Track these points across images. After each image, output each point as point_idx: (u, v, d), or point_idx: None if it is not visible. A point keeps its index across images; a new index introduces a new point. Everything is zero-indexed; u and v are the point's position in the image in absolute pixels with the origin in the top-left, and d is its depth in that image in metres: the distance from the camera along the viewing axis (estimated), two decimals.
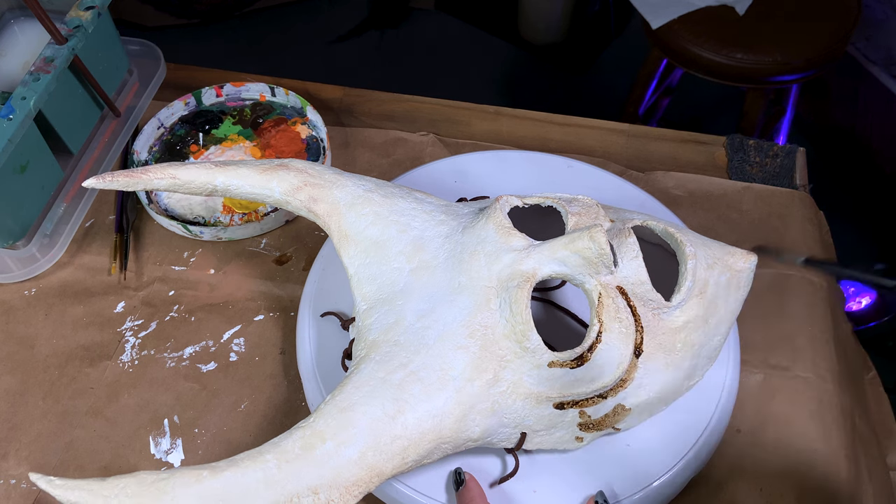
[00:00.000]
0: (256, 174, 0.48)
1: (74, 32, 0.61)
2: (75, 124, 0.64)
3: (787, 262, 0.58)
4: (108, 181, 0.47)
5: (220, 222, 0.63)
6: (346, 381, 0.41)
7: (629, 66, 1.49)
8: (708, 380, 0.50)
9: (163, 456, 0.52)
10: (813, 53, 1.14)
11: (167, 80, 0.74)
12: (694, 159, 0.69)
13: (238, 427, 0.53)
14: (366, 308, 0.45)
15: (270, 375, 0.56)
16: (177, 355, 0.57)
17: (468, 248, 0.44)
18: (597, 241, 0.41)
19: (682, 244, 0.45)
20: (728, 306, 0.48)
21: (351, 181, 0.49)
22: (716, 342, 0.48)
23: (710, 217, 0.64)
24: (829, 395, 0.54)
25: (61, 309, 0.60)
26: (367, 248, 0.46)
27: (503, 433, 0.44)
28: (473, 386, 0.41)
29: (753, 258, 0.49)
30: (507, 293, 0.42)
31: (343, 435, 0.39)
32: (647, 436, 0.48)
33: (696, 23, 1.18)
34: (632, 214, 0.49)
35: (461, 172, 0.62)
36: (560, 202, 0.47)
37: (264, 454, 0.38)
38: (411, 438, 0.40)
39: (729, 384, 0.51)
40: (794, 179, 0.67)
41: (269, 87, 0.72)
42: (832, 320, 0.58)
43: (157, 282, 0.61)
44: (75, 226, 0.63)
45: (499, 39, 1.87)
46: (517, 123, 0.72)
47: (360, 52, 1.85)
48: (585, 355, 0.42)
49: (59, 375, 0.56)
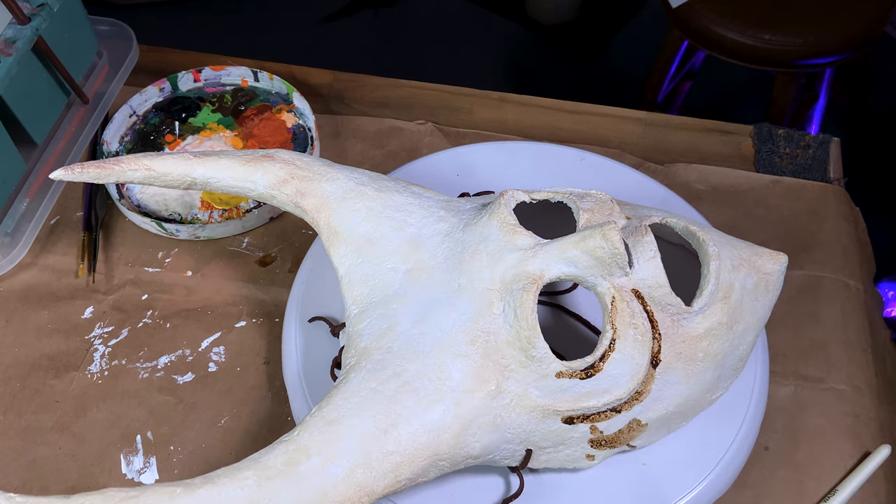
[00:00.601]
0: (239, 166, 0.48)
1: (38, 11, 0.61)
2: (39, 112, 0.64)
3: None
4: (78, 173, 0.47)
5: (198, 219, 0.63)
6: (334, 392, 0.41)
7: (647, 49, 1.49)
8: (732, 392, 0.50)
9: (135, 476, 0.52)
10: (848, 34, 1.14)
11: (140, 64, 0.74)
12: (718, 150, 0.69)
13: (218, 444, 0.53)
14: (357, 312, 0.45)
15: (253, 387, 0.56)
16: (150, 365, 0.57)
17: (469, 248, 0.44)
18: (610, 240, 0.41)
19: (705, 243, 0.46)
20: (755, 312, 0.48)
21: (342, 174, 0.49)
22: (741, 351, 0.48)
23: (736, 214, 0.64)
24: (867, 409, 0.54)
25: (23, 314, 0.60)
26: (359, 247, 0.46)
27: (506, 450, 0.44)
28: (474, 398, 0.41)
29: (784, 259, 0.49)
30: (512, 296, 0.42)
31: (330, 450, 0.39)
32: (664, 454, 0.48)
33: (721, 1, 1.18)
34: (650, 211, 0.49)
35: (464, 165, 0.63)
36: (571, 197, 0.47)
37: (243, 471, 0.38)
38: (405, 455, 0.40)
39: (756, 397, 0.51)
40: (827, 172, 0.67)
41: (252, 71, 0.72)
42: (869, 327, 0.58)
43: (128, 285, 0.61)
44: (39, 223, 0.64)
45: (504, 19, 1.87)
46: (524, 111, 0.72)
47: (352, 32, 1.85)
48: (597, 365, 0.42)
49: (21, 388, 0.56)
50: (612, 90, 1.73)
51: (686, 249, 0.50)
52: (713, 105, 1.66)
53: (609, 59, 1.81)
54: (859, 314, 0.58)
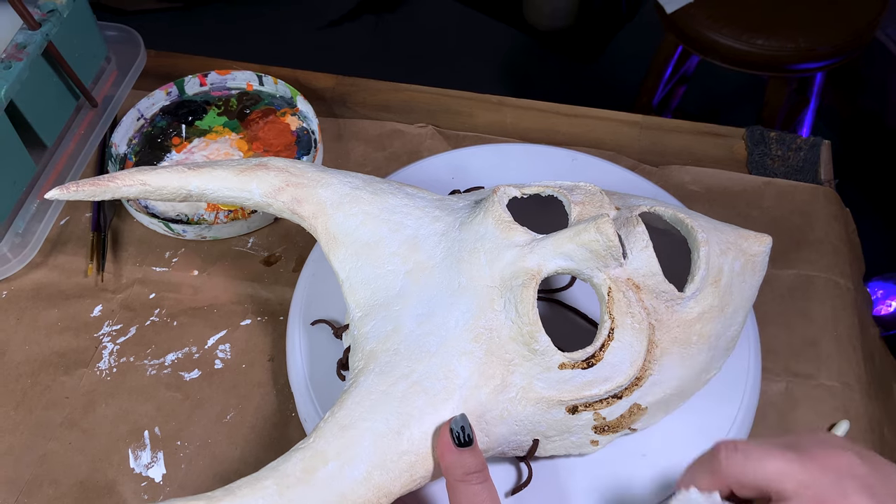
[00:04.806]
0: (233, 176, 0.47)
1: (48, 17, 0.61)
2: (49, 115, 0.64)
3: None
4: (73, 191, 0.46)
5: (205, 220, 0.63)
6: (345, 397, 0.41)
7: (642, 54, 1.49)
8: (727, 387, 0.50)
9: (143, 470, 0.52)
10: (839, 39, 1.15)
11: (147, 68, 0.74)
12: (711, 152, 0.69)
13: (224, 439, 0.53)
14: (361, 315, 0.45)
15: (258, 384, 0.56)
16: (158, 362, 0.57)
17: (467, 246, 0.44)
18: (604, 233, 0.42)
19: (694, 230, 0.46)
20: (743, 293, 0.48)
21: (336, 178, 0.48)
22: (732, 332, 0.48)
23: (729, 214, 0.64)
24: (856, 405, 0.54)
25: (34, 313, 0.60)
26: (358, 251, 0.46)
27: (514, 441, 0.44)
28: (481, 393, 0.42)
29: (768, 240, 0.49)
30: (512, 293, 0.42)
31: (346, 454, 0.39)
32: (666, 448, 0.48)
33: (714, 6, 1.18)
34: (638, 200, 0.49)
35: (459, 168, 0.63)
36: (561, 191, 0.47)
37: (262, 480, 0.38)
38: (419, 454, 0.40)
39: (749, 394, 0.51)
40: (818, 174, 0.67)
41: (257, 75, 0.72)
42: (859, 325, 0.58)
43: (136, 284, 0.61)
44: (49, 224, 0.64)
45: (502, 24, 1.88)
46: (522, 114, 0.73)
47: (355, 38, 1.85)
48: (597, 354, 0.42)
49: (31, 384, 0.56)
50: (608, 94, 1.73)
51: (672, 235, 0.50)
52: (707, 108, 1.66)
53: (605, 63, 1.81)
54: (849, 312, 0.58)
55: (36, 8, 0.61)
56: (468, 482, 0.39)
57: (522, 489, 0.47)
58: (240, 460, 0.52)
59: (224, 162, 0.49)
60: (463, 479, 0.39)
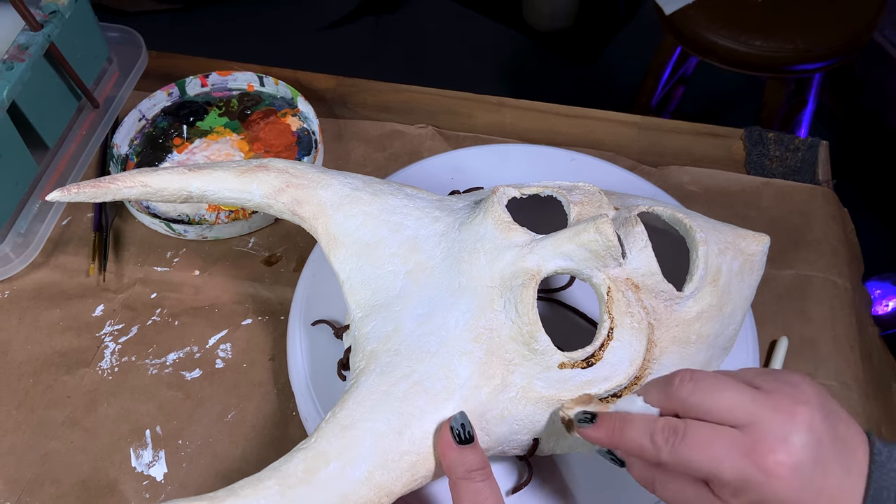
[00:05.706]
0: (234, 177, 0.47)
1: (50, 18, 0.61)
2: (51, 116, 0.64)
3: None
4: (74, 193, 0.46)
5: (206, 220, 0.63)
6: (346, 397, 0.41)
7: (641, 55, 1.49)
8: None
9: (144, 469, 0.52)
10: (837, 41, 1.15)
11: (149, 69, 0.74)
12: (710, 153, 0.69)
13: (225, 438, 0.53)
14: (361, 316, 0.45)
15: (259, 383, 0.56)
16: (159, 362, 0.57)
17: (467, 247, 0.44)
18: (604, 233, 0.42)
19: (692, 230, 0.46)
20: (742, 293, 0.48)
21: (336, 179, 0.48)
22: (731, 331, 0.48)
23: (727, 214, 0.64)
24: (854, 404, 0.54)
25: (36, 313, 0.60)
26: (358, 252, 0.46)
27: (515, 440, 0.44)
28: (481, 393, 0.42)
29: (766, 240, 0.49)
30: (512, 293, 0.42)
31: (348, 455, 0.39)
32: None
33: (713, 8, 1.18)
34: (636, 200, 0.49)
35: (458, 168, 0.63)
36: (560, 191, 0.47)
37: (265, 480, 0.38)
38: (420, 453, 0.40)
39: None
40: (816, 174, 0.67)
41: (258, 76, 0.72)
42: (857, 324, 0.58)
43: (138, 284, 0.61)
44: (51, 224, 0.64)
45: (502, 25, 1.88)
46: (521, 115, 0.73)
47: (355, 39, 1.85)
48: (597, 354, 0.42)
49: (33, 384, 0.56)
50: (607, 95, 1.73)
51: (671, 235, 0.50)
52: (705, 109, 1.66)
53: (604, 64, 1.81)
54: (847, 312, 0.58)
55: (38, 9, 0.61)
56: (471, 479, 0.39)
57: (523, 488, 0.47)
58: (241, 459, 0.52)
59: (225, 163, 0.49)
60: (465, 477, 0.39)
